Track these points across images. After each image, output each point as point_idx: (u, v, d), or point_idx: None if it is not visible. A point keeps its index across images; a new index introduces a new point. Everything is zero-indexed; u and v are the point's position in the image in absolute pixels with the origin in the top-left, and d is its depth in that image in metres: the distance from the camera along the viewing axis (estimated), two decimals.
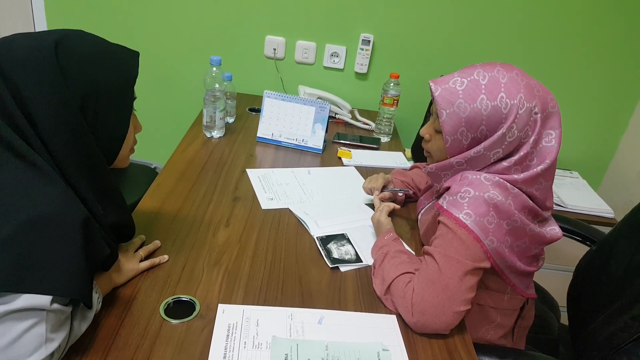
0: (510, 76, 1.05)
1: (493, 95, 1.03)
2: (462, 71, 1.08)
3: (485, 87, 1.04)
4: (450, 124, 1.06)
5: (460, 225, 1.03)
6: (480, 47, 2.23)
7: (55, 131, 0.80)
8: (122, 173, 2.03)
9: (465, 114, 1.05)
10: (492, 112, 1.03)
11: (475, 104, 1.04)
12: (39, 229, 0.73)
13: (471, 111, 1.04)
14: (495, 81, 1.04)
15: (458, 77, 1.07)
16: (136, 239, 1.14)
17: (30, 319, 0.73)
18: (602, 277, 1.32)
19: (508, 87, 1.03)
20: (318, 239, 1.27)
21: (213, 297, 1.03)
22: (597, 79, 2.28)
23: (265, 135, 1.84)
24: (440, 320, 0.99)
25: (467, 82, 1.05)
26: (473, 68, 1.08)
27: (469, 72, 1.07)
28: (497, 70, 1.06)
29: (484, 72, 1.06)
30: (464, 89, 1.05)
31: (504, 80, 1.04)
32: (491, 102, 1.03)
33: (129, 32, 2.25)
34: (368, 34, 2.21)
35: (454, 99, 1.05)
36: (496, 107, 1.03)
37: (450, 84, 1.06)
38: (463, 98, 1.04)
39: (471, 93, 1.04)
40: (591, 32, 2.18)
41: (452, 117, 1.06)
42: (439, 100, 1.06)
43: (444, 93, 1.06)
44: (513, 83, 1.04)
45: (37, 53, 0.79)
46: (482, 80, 1.05)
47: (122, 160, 0.97)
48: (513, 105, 1.02)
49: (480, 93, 1.04)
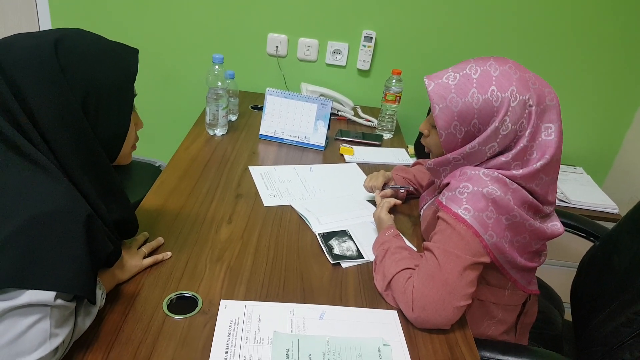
0: (503, 69, 1.05)
1: (484, 88, 1.04)
2: (456, 66, 1.10)
3: (476, 81, 1.04)
4: (444, 119, 1.07)
5: (459, 221, 1.03)
6: (483, 43, 2.22)
7: (57, 129, 0.81)
8: (127, 171, 2.05)
9: (457, 108, 1.05)
10: (484, 105, 1.04)
11: (467, 97, 1.04)
12: (43, 226, 0.74)
13: (463, 105, 1.05)
14: (487, 75, 1.05)
15: (451, 72, 1.08)
16: (139, 236, 1.15)
17: (35, 315, 0.74)
18: (606, 273, 1.32)
19: (499, 80, 1.04)
20: (320, 235, 1.28)
21: (215, 293, 1.04)
22: (602, 74, 2.27)
23: (268, 132, 1.85)
24: (440, 315, 0.99)
25: (459, 77, 1.06)
26: (466, 63, 1.09)
27: (462, 67, 1.08)
28: (490, 64, 1.06)
29: (476, 66, 1.07)
30: (456, 84, 1.05)
31: (496, 74, 1.04)
32: (482, 95, 1.04)
33: (131, 30, 2.26)
34: (370, 30, 2.21)
35: (446, 94, 1.06)
36: (487, 100, 1.03)
37: (443, 79, 1.08)
38: (455, 92, 1.05)
39: (462, 87, 1.05)
40: (596, 27, 2.17)
41: (445, 111, 1.07)
42: (432, 95, 1.08)
43: (436, 88, 1.07)
44: (505, 76, 1.04)
45: (38, 52, 0.80)
46: (474, 75, 1.05)
47: (124, 157, 0.98)
48: (504, 98, 1.03)
49: (472, 87, 1.04)
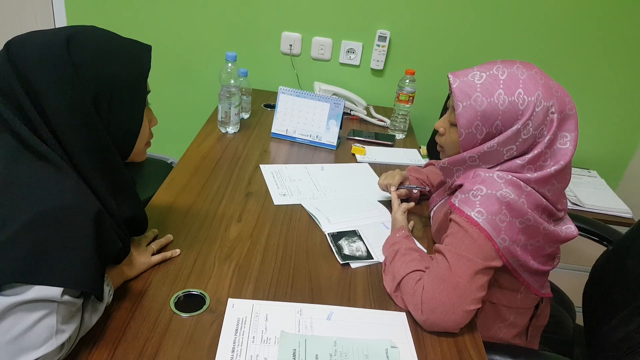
0: (530, 74, 1.04)
1: (511, 90, 1.02)
2: (481, 66, 1.08)
3: (503, 82, 1.03)
4: (466, 117, 1.06)
5: (472, 224, 1.02)
6: (498, 43, 2.19)
7: (68, 126, 0.81)
8: (139, 168, 2.06)
9: (482, 107, 1.04)
10: (509, 107, 1.02)
11: (493, 98, 1.03)
12: (52, 221, 0.74)
13: (488, 105, 1.03)
14: (514, 77, 1.03)
15: (477, 71, 1.07)
16: (149, 233, 1.15)
17: (41, 310, 0.74)
18: (619, 278, 1.30)
19: (526, 84, 1.02)
20: (329, 235, 1.27)
21: (223, 292, 1.04)
22: (617, 77, 2.23)
23: (280, 131, 1.85)
24: (449, 318, 0.98)
25: (485, 76, 1.04)
26: (493, 64, 1.07)
27: (488, 67, 1.06)
28: (517, 67, 1.05)
29: (503, 67, 1.05)
30: (482, 83, 1.04)
31: (523, 77, 1.03)
32: (508, 97, 1.02)
33: (146, 27, 2.27)
34: (385, 30, 2.19)
35: (472, 92, 1.04)
36: (513, 102, 1.02)
37: (469, 77, 1.06)
38: (480, 92, 1.04)
39: (489, 87, 1.03)
40: (611, 29, 2.13)
41: (469, 110, 1.05)
42: (457, 92, 1.06)
43: (461, 85, 1.06)
44: (532, 80, 1.03)
45: (50, 50, 0.80)
46: (501, 76, 1.04)
47: (138, 154, 0.98)
48: (530, 102, 1.01)
49: (499, 88, 1.03)
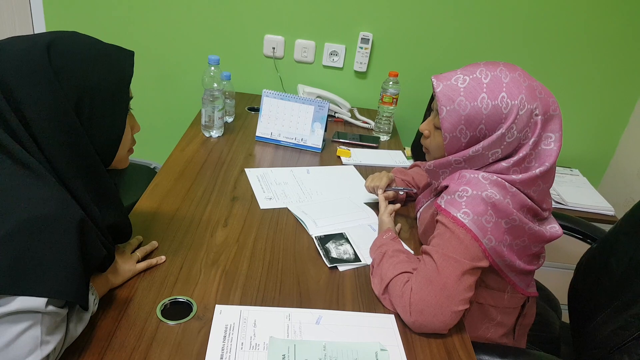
0: (513, 76, 1.04)
1: (494, 94, 1.02)
2: (465, 69, 1.08)
3: (487, 86, 1.03)
4: (450, 121, 1.06)
5: (458, 224, 1.02)
6: (480, 44, 2.22)
7: (49, 133, 0.79)
8: (122, 174, 2.03)
9: (465, 111, 1.04)
10: (493, 111, 1.02)
11: (476, 102, 1.03)
12: (34, 231, 0.73)
13: (471, 109, 1.03)
14: (498, 80, 1.03)
15: (460, 74, 1.06)
16: (133, 240, 1.14)
17: (25, 322, 0.72)
18: (603, 275, 1.31)
19: (510, 87, 1.02)
20: (316, 238, 1.26)
21: (210, 298, 1.03)
22: (597, 76, 2.27)
23: (264, 134, 1.84)
24: (438, 319, 0.98)
25: (469, 80, 1.04)
26: (476, 66, 1.07)
27: (471, 70, 1.06)
28: (500, 70, 1.05)
29: (486, 70, 1.05)
30: (466, 87, 1.04)
31: (506, 80, 1.03)
32: (492, 101, 1.02)
33: (127, 32, 2.25)
34: (367, 32, 2.20)
35: (455, 96, 1.04)
36: (497, 106, 1.02)
37: (452, 80, 1.06)
38: (464, 96, 1.04)
39: (472, 91, 1.03)
40: (591, 29, 2.17)
41: (452, 114, 1.05)
42: (440, 97, 1.06)
43: (445, 89, 1.05)
44: (515, 83, 1.03)
45: (30, 56, 0.78)
46: (484, 79, 1.04)
47: (120, 160, 0.96)
48: (514, 105, 1.02)
49: (482, 92, 1.03)
